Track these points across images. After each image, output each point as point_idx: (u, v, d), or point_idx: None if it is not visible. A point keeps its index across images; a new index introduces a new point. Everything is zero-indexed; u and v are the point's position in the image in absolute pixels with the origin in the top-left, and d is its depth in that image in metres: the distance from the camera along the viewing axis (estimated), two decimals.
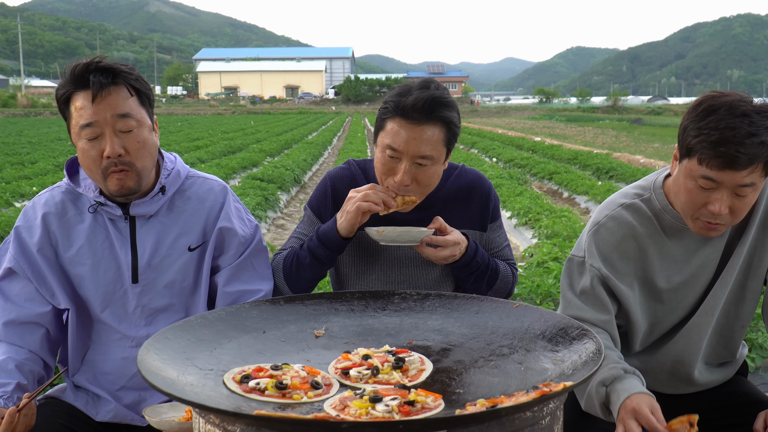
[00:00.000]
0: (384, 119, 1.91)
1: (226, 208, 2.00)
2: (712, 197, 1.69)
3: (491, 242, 2.16)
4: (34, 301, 1.90)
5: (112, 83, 1.78)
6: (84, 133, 1.78)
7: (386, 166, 1.91)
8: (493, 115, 63.38)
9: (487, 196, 2.13)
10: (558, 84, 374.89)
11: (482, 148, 19.96)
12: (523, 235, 7.91)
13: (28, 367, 1.83)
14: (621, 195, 1.94)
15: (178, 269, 1.93)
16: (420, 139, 1.85)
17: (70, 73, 1.79)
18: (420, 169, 1.89)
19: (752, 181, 1.65)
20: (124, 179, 1.82)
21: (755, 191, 1.69)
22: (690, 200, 1.73)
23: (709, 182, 1.68)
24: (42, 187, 10.48)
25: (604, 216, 1.91)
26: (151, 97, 1.89)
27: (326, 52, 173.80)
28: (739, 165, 1.62)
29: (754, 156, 1.61)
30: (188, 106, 77.63)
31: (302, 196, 11.84)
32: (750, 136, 1.60)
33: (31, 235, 1.91)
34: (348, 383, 1.33)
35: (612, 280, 1.86)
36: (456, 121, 1.91)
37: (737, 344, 2.00)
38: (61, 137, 25.07)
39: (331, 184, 2.13)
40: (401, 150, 1.87)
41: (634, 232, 1.87)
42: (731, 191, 1.68)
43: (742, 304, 1.92)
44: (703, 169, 1.67)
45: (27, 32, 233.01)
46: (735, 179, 1.65)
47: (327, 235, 1.96)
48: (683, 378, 1.96)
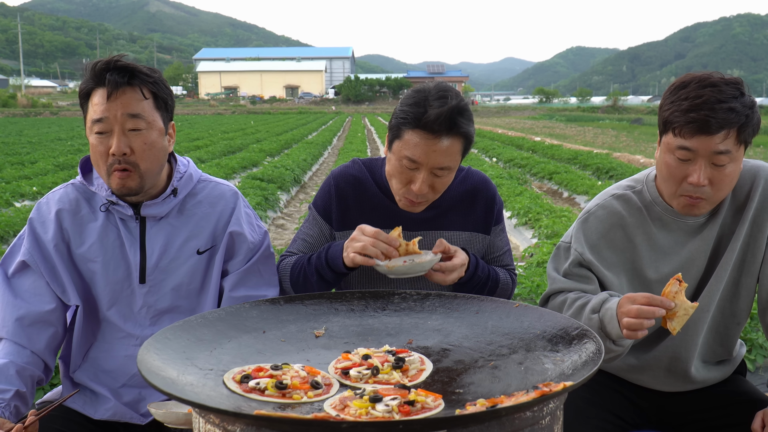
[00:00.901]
0: (401, 129, 1.90)
1: (236, 213, 2.00)
2: (690, 169, 1.75)
3: (493, 246, 2.17)
4: (44, 296, 1.90)
5: (128, 83, 1.80)
6: (95, 128, 1.80)
7: (403, 175, 1.93)
8: (493, 115, 63.40)
9: (492, 199, 2.14)
10: (558, 84, 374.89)
11: (482, 148, 19.96)
12: (523, 235, 7.92)
13: (28, 372, 1.83)
14: (614, 187, 2.00)
15: (186, 272, 1.94)
16: (440, 152, 1.86)
17: (91, 69, 1.81)
18: (437, 179, 1.92)
19: (726, 148, 1.70)
20: (125, 179, 1.82)
21: (733, 162, 1.74)
22: (670, 175, 1.78)
23: (685, 152, 1.73)
24: (42, 187, 10.49)
25: (595, 205, 1.96)
26: (169, 102, 1.90)
27: (326, 52, 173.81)
28: (710, 129, 1.68)
29: (723, 120, 1.68)
30: (188, 106, 77.63)
31: (302, 195, 11.84)
32: (719, 102, 1.68)
33: (45, 230, 1.92)
34: (348, 383, 1.33)
35: (596, 266, 1.90)
36: (473, 132, 1.93)
37: (733, 342, 2.00)
38: (61, 137, 25.09)
39: (335, 183, 2.12)
40: (420, 162, 1.88)
41: (623, 221, 1.91)
42: (708, 160, 1.73)
43: (737, 300, 1.93)
44: (678, 140, 1.73)
45: (27, 32, 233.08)
46: (709, 145, 1.70)
47: (335, 261, 1.93)
48: (680, 375, 1.97)
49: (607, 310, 1.74)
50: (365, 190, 2.09)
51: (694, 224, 1.88)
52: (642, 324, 1.64)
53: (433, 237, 2.06)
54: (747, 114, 1.71)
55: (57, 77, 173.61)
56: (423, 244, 2.04)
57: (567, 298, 1.91)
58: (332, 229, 2.12)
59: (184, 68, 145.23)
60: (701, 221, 1.88)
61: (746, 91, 1.74)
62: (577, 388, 1.14)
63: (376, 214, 2.07)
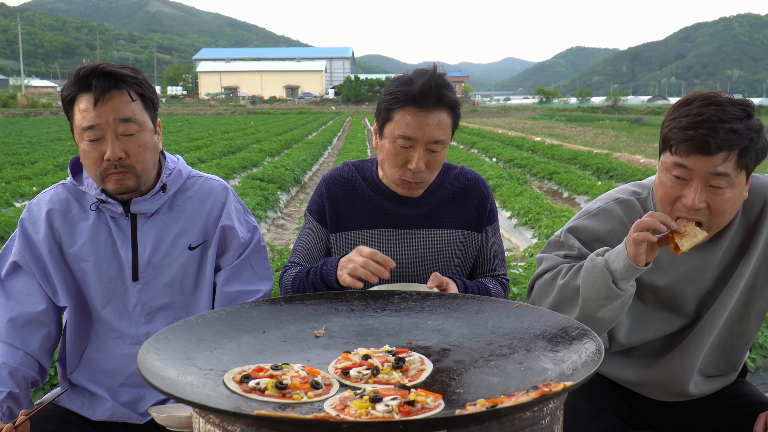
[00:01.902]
0: (391, 110, 1.93)
1: (227, 208, 2.01)
2: (686, 190, 1.67)
3: (485, 247, 2.16)
4: (36, 297, 1.91)
5: (114, 87, 1.80)
6: (86, 135, 1.80)
7: (399, 156, 1.94)
8: (493, 115, 63.38)
9: (484, 197, 2.14)
10: (558, 84, 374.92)
11: (482, 148, 19.96)
12: (523, 235, 7.91)
13: (21, 373, 1.83)
14: (619, 190, 1.93)
15: (179, 268, 1.94)
16: (432, 125, 1.90)
17: (75, 75, 1.81)
18: (432, 155, 1.94)
19: (725, 171, 1.62)
20: (122, 179, 1.84)
21: (732, 187, 1.65)
22: (665, 194, 1.71)
23: (681, 170, 1.66)
24: (42, 187, 10.48)
25: (597, 207, 1.90)
26: (155, 101, 1.91)
27: (326, 52, 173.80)
28: (709, 149, 1.60)
29: (723, 142, 1.59)
30: (188, 106, 77.63)
31: (302, 195, 11.84)
32: (720, 122, 1.60)
33: (36, 231, 1.92)
34: (348, 383, 1.33)
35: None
36: (459, 102, 1.97)
37: (740, 358, 1.96)
38: (61, 137, 25.08)
39: (326, 187, 2.12)
40: (415, 137, 1.90)
41: (623, 227, 1.84)
42: (704, 182, 1.65)
43: (747, 322, 1.88)
44: (675, 157, 1.66)
45: (27, 32, 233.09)
46: (706, 166, 1.62)
47: (329, 278, 1.93)
48: (678, 392, 1.94)
49: (612, 250, 1.71)
50: (356, 191, 2.09)
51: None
52: (647, 236, 1.60)
53: (427, 235, 2.06)
54: (751, 137, 1.61)
55: (57, 77, 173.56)
56: (416, 241, 2.04)
57: (561, 268, 1.85)
58: (327, 232, 2.12)
59: (184, 68, 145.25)
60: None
61: (754, 113, 1.65)
62: (577, 389, 1.14)
63: (368, 214, 2.07)
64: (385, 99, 1.95)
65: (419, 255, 2.07)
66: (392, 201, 2.07)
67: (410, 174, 1.95)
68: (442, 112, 1.91)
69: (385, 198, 2.07)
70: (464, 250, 2.12)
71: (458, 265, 2.13)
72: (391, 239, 2.07)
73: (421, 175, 1.96)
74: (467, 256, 2.14)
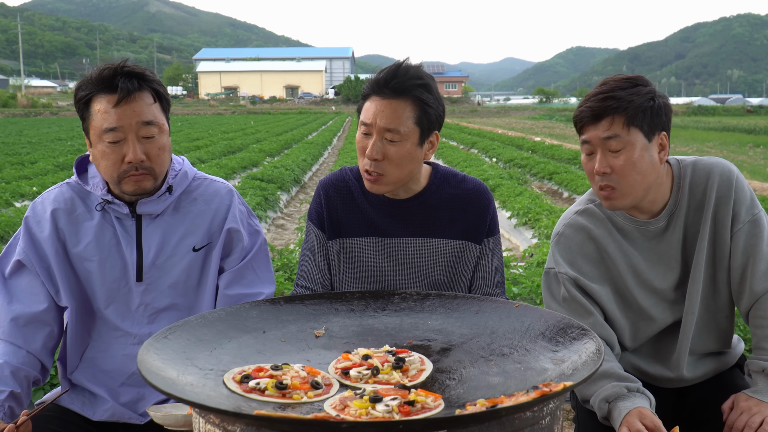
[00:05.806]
0: (362, 104, 1.96)
1: (232, 210, 2.00)
2: (592, 161, 1.83)
3: (483, 260, 2.06)
4: (39, 296, 1.90)
5: (138, 89, 1.80)
6: (106, 137, 1.79)
7: (360, 143, 1.95)
8: (493, 115, 63.41)
9: (485, 208, 2.05)
10: (558, 84, 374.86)
11: (482, 148, 19.96)
12: (523, 235, 7.92)
13: (23, 372, 1.83)
14: (576, 204, 2.04)
15: (183, 269, 1.94)
16: (387, 112, 1.88)
17: (97, 75, 1.79)
18: (390, 145, 1.89)
19: (614, 133, 1.77)
20: (141, 181, 1.84)
21: (629, 148, 1.77)
22: (585, 171, 1.87)
23: (585, 146, 1.84)
24: (42, 187, 10.48)
25: (562, 225, 1.99)
26: (169, 101, 1.92)
27: (326, 52, 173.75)
28: (594, 118, 1.79)
29: (604, 108, 1.77)
30: (188, 106, 77.63)
31: (302, 195, 11.85)
32: (600, 93, 1.80)
33: (41, 229, 1.92)
34: (348, 383, 1.33)
35: (582, 281, 1.93)
36: (429, 101, 1.90)
37: (729, 334, 2.02)
38: (61, 137, 25.08)
39: (323, 192, 2.09)
40: (370, 123, 1.90)
41: (591, 233, 1.94)
42: (603, 149, 1.80)
43: (718, 295, 1.95)
44: (581, 137, 1.85)
45: (27, 32, 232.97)
46: (597, 133, 1.79)
47: None
48: (673, 378, 1.99)
49: (619, 408, 1.76)
50: (352, 197, 2.06)
51: (655, 229, 1.90)
52: None
53: (422, 245, 2.02)
54: (631, 100, 1.76)
55: (57, 77, 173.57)
56: (411, 251, 2.02)
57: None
58: (326, 238, 2.07)
59: (184, 68, 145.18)
60: (661, 225, 1.90)
61: (647, 84, 1.81)
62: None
63: (364, 221, 2.04)
64: (362, 91, 1.98)
65: (414, 265, 2.02)
66: (387, 206, 2.03)
67: (368, 162, 1.91)
68: (403, 102, 1.88)
69: (381, 204, 2.03)
70: (461, 261, 2.03)
71: (454, 276, 2.05)
72: (385, 249, 2.02)
73: (379, 166, 1.90)
74: (465, 267, 2.04)
